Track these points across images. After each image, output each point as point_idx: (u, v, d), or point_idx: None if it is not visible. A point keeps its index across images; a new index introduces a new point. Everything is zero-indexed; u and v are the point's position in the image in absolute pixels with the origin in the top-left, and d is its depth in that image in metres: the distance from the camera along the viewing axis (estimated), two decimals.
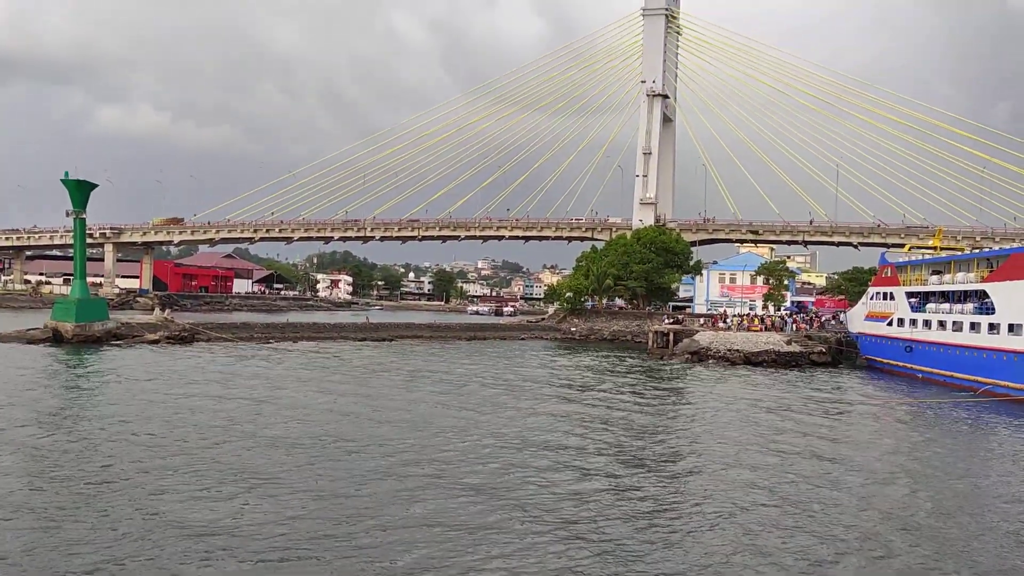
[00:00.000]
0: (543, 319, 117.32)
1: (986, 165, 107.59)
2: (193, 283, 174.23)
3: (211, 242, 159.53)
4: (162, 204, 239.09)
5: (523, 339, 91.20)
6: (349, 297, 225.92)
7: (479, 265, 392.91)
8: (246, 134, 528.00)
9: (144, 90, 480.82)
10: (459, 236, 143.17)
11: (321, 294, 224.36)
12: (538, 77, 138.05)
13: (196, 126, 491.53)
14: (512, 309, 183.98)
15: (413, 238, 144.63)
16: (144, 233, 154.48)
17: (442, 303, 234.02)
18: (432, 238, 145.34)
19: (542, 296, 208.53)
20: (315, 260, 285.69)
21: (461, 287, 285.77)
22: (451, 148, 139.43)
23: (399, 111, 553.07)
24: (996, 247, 74.49)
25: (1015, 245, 61.82)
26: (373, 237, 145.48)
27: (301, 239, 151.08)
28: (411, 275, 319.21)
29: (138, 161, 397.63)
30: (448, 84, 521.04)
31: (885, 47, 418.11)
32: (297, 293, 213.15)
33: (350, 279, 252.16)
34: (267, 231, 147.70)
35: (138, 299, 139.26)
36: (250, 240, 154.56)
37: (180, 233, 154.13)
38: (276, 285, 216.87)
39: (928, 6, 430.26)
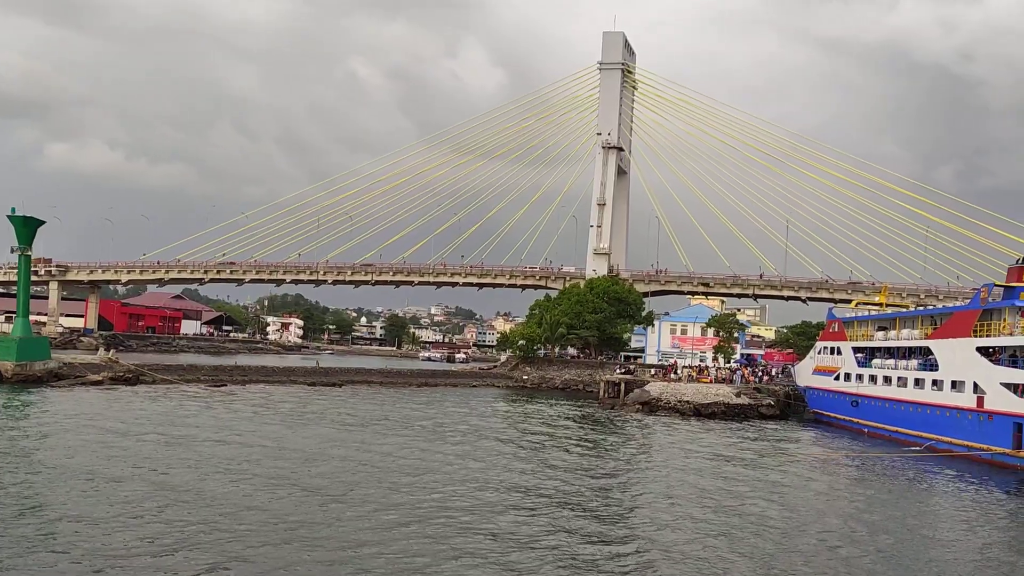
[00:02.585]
0: (495, 367, 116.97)
1: (930, 225, 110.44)
2: (140, 323, 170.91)
3: (160, 282, 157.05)
4: (111, 243, 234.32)
5: (475, 386, 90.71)
6: (300, 341, 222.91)
7: (432, 311, 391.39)
8: (201, 174, 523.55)
9: (98, 127, 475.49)
10: (413, 281, 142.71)
11: (271, 337, 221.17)
12: (496, 126, 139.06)
13: (149, 164, 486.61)
14: (465, 356, 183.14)
15: (366, 282, 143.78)
16: (91, 272, 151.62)
17: (394, 349, 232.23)
18: (385, 283, 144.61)
19: (495, 343, 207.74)
20: (266, 302, 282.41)
21: (414, 333, 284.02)
22: (407, 193, 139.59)
23: (357, 155, 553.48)
24: (940, 305, 76.19)
25: (958, 303, 63.21)
26: (326, 281, 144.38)
27: (252, 281, 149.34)
28: (363, 320, 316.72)
29: (88, 199, 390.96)
30: (407, 130, 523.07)
31: (836, 109, 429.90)
32: (247, 335, 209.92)
33: (301, 323, 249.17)
34: (217, 272, 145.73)
35: (82, 339, 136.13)
36: (200, 281, 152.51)
37: (128, 272, 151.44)
38: (225, 327, 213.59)
39: (876, 72, 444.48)
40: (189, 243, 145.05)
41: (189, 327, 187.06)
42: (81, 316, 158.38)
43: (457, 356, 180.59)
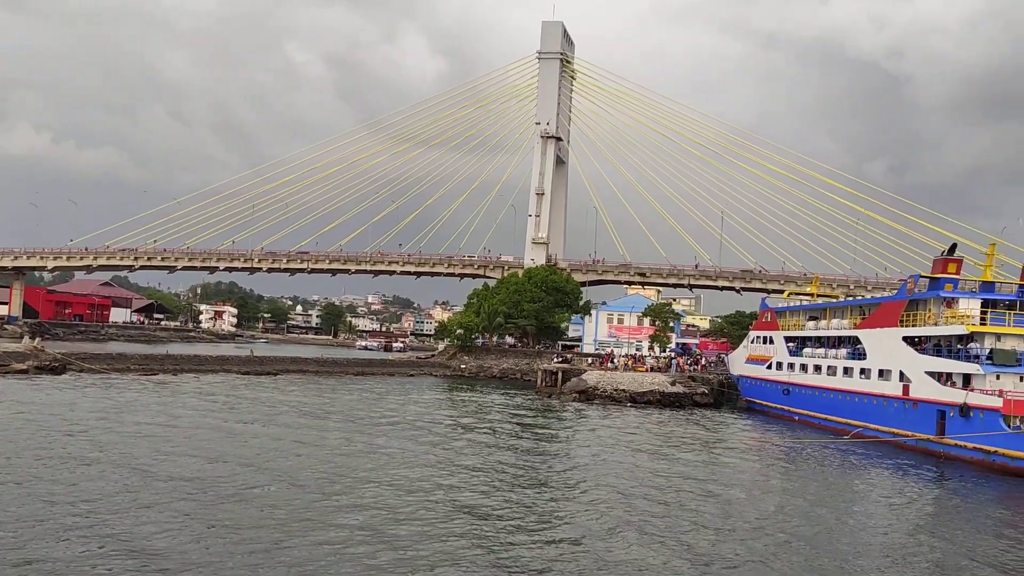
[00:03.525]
0: (433, 356, 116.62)
1: (860, 217, 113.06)
2: (67, 311, 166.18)
3: (88, 269, 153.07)
4: (37, 229, 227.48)
5: (412, 375, 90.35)
6: (234, 329, 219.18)
7: (369, 300, 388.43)
8: (132, 160, 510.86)
9: (23, 109, 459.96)
10: (349, 270, 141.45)
11: (204, 325, 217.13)
12: (435, 114, 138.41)
13: (78, 148, 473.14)
14: (402, 345, 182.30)
15: (302, 270, 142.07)
16: (15, 258, 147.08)
17: (330, 337, 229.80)
18: (322, 271, 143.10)
19: (433, 332, 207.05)
20: (199, 290, 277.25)
21: (350, 322, 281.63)
22: (345, 181, 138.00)
23: (294, 142, 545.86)
24: (868, 295, 78.14)
25: (885, 294, 64.90)
26: (260, 268, 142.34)
27: (185, 268, 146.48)
28: (299, 308, 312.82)
29: (13, 183, 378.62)
30: (345, 117, 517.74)
31: (772, 102, 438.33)
32: (179, 324, 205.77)
33: (235, 311, 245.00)
34: (148, 259, 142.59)
35: (6, 326, 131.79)
36: (130, 268, 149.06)
37: (55, 259, 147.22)
38: (157, 315, 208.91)
39: (811, 67, 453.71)
40: (119, 229, 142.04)
41: (119, 315, 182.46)
42: (5, 303, 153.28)
43: (395, 345, 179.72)
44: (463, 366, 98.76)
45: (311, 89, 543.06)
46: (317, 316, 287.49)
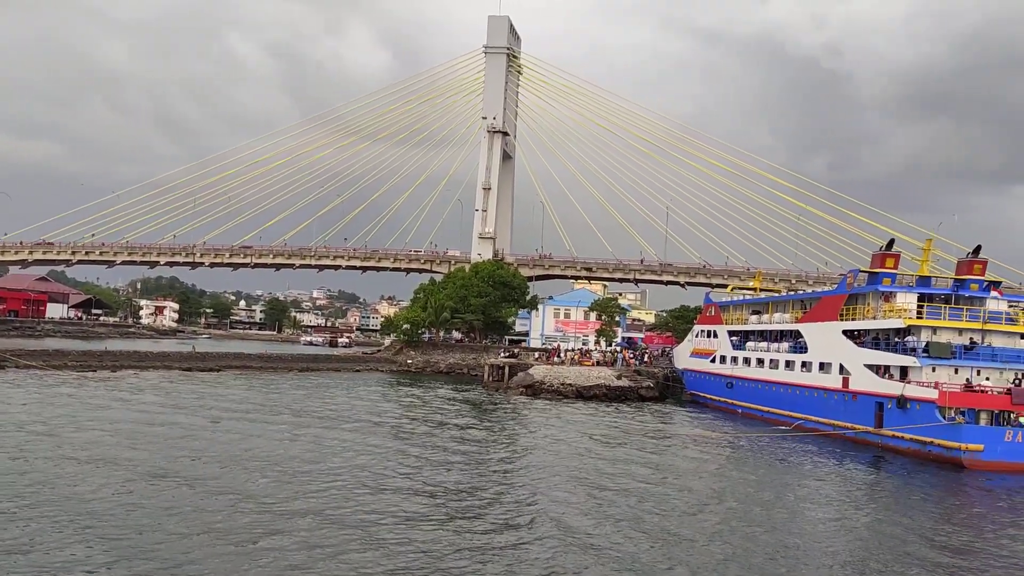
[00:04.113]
0: (379, 351, 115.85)
1: (802, 213, 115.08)
2: (1, 307, 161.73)
3: (23, 263, 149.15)
4: None
5: (358, 371, 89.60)
6: (175, 325, 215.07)
7: (315, 295, 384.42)
8: (70, 151, 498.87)
9: None
10: (294, 264, 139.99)
11: (144, 321, 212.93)
12: (380, 108, 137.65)
13: (13, 139, 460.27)
14: (348, 340, 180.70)
15: (245, 265, 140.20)
16: None
17: (275, 333, 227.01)
18: (265, 266, 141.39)
19: (379, 328, 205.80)
20: (139, 285, 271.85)
21: (295, 317, 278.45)
22: (289, 174, 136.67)
23: (238, 135, 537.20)
24: (810, 290, 79.56)
25: (826, 288, 66.13)
26: (203, 263, 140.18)
27: (124, 263, 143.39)
28: (242, 304, 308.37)
29: None
30: (290, 110, 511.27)
31: (715, 99, 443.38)
32: (118, 319, 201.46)
33: (176, 306, 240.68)
34: (87, 253, 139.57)
35: None
36: (67, 262, 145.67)
37: None
38: (95, 311, 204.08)
39: (750, 65, 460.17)
40: (56, 222, 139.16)
41: (55, 311, 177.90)
42: None
43: (340, 340, 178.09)
44: (409, 361, 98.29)
45: (254, 81, 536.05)
46: (261, 311, 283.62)
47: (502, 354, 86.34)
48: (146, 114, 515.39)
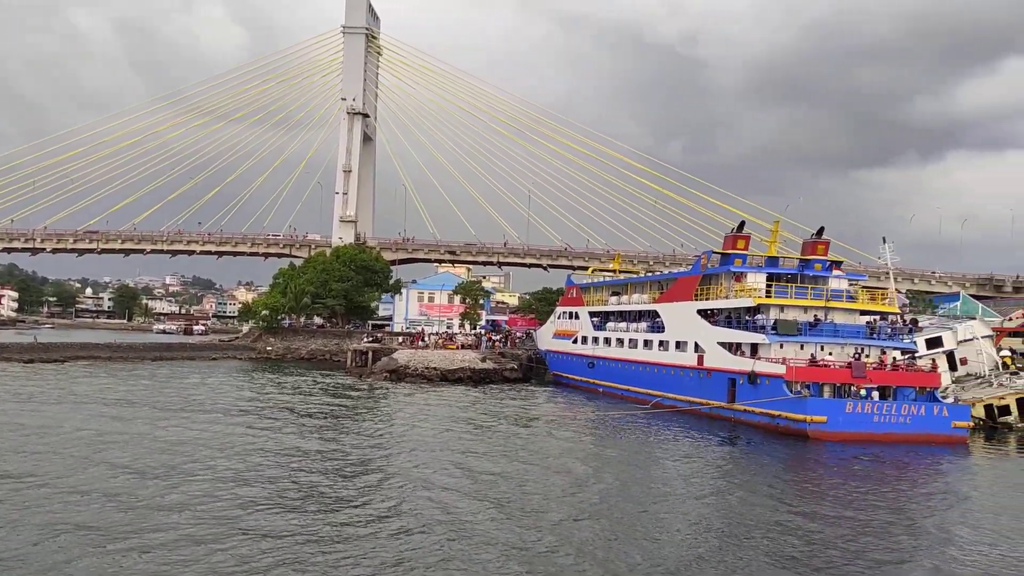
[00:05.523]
0: (237, 338, 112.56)
1: (659, 196, 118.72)
2: None
3: None
4: None
5: (215, 359, 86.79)
6: (14, 315, 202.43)
7: (167, 281, 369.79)
8: None
9: None
10: (144, 250, 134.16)
11: None
12: (236, 87, 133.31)
13: None
14: (203, 328, 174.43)
15: (91, 251, 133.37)
16: None
17: (125, 321, 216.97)
18: (114, 251, 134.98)
19: (236, 314, 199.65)
20: None
21: (146, 304, 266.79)
22: (139, 155, 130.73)
23: (83, 114, 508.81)
24: (667, 271, 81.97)
25: (682, 269, 68.29)
26: (44, 249, 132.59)
27: None
28: (88, 291, 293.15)
29: None
30: (137, 88, 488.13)
31: (576, 83, 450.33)
32: None
33: (15, 295, 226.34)
34: None
35: None
36: None
37: None
38: None
39: (608, 50, 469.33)
40: None
41: None
42: None
43: (195, 328, 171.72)
44: (269, 348, 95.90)
45: (100, 58, 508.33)
46: (109, 299, 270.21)
47: (365, 339, 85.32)
48: None
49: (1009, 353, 59.29)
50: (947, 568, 20.35)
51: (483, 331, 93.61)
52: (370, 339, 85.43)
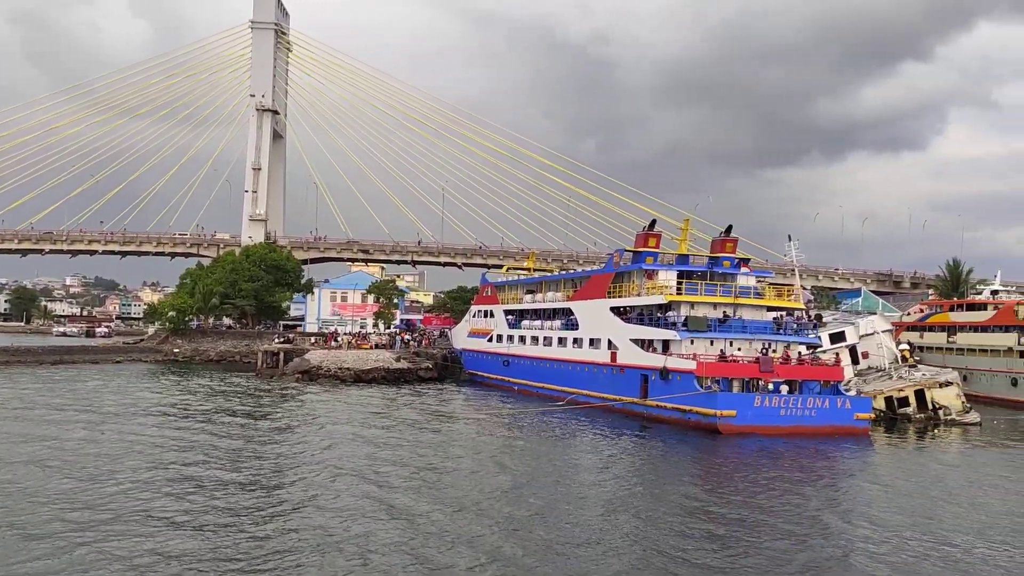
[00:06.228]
0: (143, 340, 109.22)
1: (573, 195, 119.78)
2: None
3: None
4: None
5: (119, 362, 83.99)
6: None
7: (68, 282, 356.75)
8: None
9: None
10: (43, 249, 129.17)
11: None
12: (140, 81, 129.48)
13: None
14: (107, 330, 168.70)
15: None
16: None
17: (22, 324, 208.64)
18: (9, 251, 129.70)
19: (142, 316, 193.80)
20: None
21: (46, 306, 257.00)
22: (36, 151, 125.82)
23: None
24: (580, 269, 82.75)
25: (595, 267, 68.90)
26: None
27: None
28: None
29: None
30: (35, 82, 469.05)
31: (491, 83, 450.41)
32: None
33: None
34: None
35: None
36: None
37: None
38: None
39: (521, 49, 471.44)
40: None
41: None
42: None
43: (98, 330, 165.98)
44: (176, 350, 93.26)
45: None
46: (6, 301, 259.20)
47: (277, 340, 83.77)
48: None
49: (907, 347, 61.74)
50: (847, 553, 20.98)
51: (397, 330, 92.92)
52: (281, 340, 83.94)
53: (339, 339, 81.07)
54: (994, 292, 72.44)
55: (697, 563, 19.76)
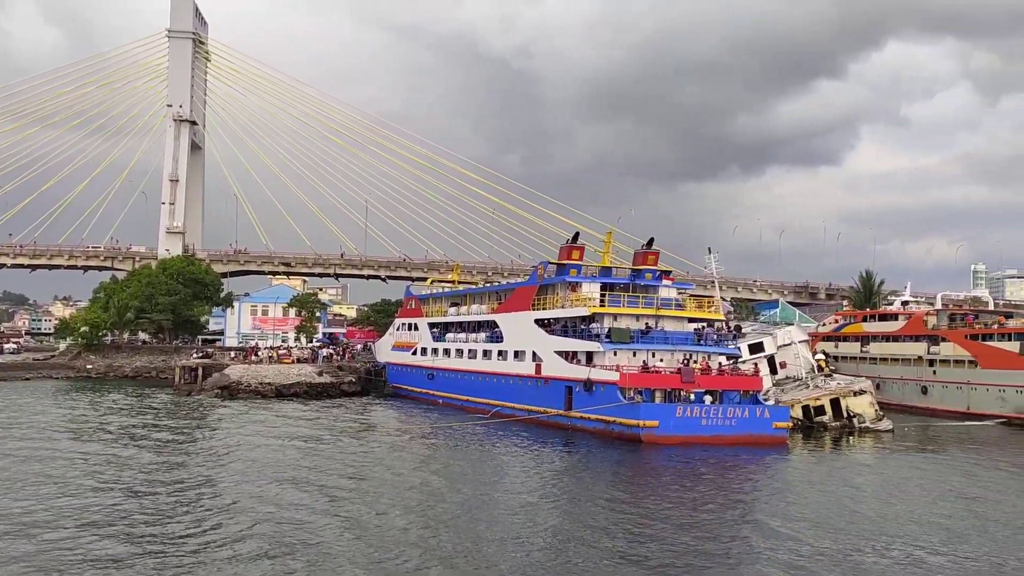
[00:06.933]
0: (54, 356, 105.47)
1: (497, 207, 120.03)
2: None
3: None
4: None
5: (28, 379, 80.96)
6: None
7: None
8: None
9: None
10: None
11: None
12: (52, 90, 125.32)
13: None
14: (15, 346, 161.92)
15: None
16: None
17: None
18: None
19: (53, 331, 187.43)
20: None
21: None
22: None
23: None
24: (505, 281, 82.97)
25: (519, 280, 69.04)
26: None
27: None
28: None
29: None
30: None
31: (415, 95, 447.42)
32: None
33: None
34: None
35: None
36: None
37: None
38: None
39: (445, 61, 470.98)
40: None
41: None
42: None
43: (6, 346, 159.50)
44: (89, 367, 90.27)
45: None
46: None
47: (195, 355, 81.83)
48: None
49: (823, 356, 63.38)
50: (764, 557, 21.37)
51: (320, 344, 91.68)
52: (200, 355, 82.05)
53: (260, 353, 79.60)
54: (904, 303, 74.76)
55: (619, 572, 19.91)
